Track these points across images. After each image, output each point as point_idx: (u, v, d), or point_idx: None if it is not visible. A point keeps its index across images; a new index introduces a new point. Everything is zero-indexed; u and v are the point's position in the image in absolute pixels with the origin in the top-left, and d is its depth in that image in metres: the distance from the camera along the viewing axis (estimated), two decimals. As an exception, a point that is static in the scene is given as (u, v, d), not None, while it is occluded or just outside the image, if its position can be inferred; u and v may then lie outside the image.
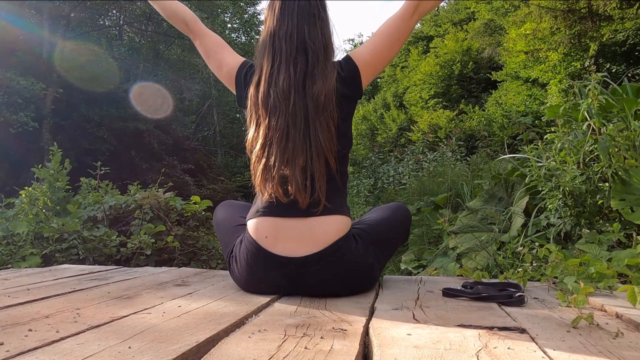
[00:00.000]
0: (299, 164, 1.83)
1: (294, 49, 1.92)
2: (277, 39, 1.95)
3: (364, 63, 2.01)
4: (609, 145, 2.96)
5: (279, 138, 1.85)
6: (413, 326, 1.40)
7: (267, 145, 1.87)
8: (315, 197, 1.84)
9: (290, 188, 1.83)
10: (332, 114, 1.89)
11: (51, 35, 17.27)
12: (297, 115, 1.86)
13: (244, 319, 1.48)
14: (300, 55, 1.92)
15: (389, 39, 2.04)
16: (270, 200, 1.88)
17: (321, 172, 1.85)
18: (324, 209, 1.86)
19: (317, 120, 1.86)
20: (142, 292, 1.96)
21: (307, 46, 1.93)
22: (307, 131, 1.85)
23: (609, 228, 2.73)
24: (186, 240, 4.36)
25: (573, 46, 13.20)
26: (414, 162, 9.84)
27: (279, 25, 1.96)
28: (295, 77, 1.90)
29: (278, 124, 1.86)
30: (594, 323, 1.42)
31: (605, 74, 3.39)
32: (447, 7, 31.28)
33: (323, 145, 1.84)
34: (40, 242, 3.94)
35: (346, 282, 1.93)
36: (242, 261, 1.96)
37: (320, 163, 1.84)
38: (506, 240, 3.36)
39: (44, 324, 1.38)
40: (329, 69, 1.95)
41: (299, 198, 1.83)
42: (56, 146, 4.80)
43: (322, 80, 1.91)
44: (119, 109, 18.43)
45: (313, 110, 1.86)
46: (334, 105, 1.89)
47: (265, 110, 1.89)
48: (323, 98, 1.88)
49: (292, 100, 1.87)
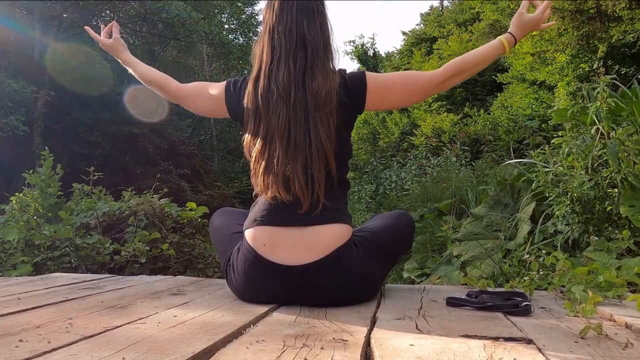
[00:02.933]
0: (301, 162, 1.84)
1: (293, 43, 1.94)
2: (277, 34, 1.97)
3: (376, 85, 2.01)
4: (618, 150, 2.96)
5: (281, 135, 1.86)
6: (416, 336, 1.40)
7: (269, 143, 1.88)
8: (314, 197, 1.85)
9: (293, 187, 1.84)
10: (332, 112, 1.90)
11: (43, 36, 17.30)
12: (297, 110, 1.87)
13: (241, 329, 1.48)
14: (299, 50, 1.94)
15: (406, 87, 2.06)
16: (269, 207, 1.89)
17: (320, 171, 1.85)
18: (324, 217, 1.87)
19: (317, 117, 1.87)
20: (136, 302, 1.97)
21: (307, 41, 1.95)
22: (307, 127, 1.87)
23: (618, 235, 2.73)
24: (182, 247, 4.36)
25: (581, 48, 13.20)
26: (417, 167, 9.86)
27: (278, 20, 1.98)
28: (295, 72, 1.91)
29: (279, 121, 1.87)
30: (602, 333, 1.42)
31: (615, 76, 3.39)
32: (451, 7, 31.35)
33: (323, 143, 1.85)
34: (31, 250, 3.93)
35: (347, 291, 1.92)
36: (240, 269, 1.96)
37: (320, 162, 1.85)
38: (512, 248, 3.36)
39: (35, 334, 1.38)
40: (330, 68, 1.97)
41: (301, 196, 1.84)
42: (48, 151, 4.80)
43: (322, 76, 1.92)
44: (113, 113, 18.45)
45: (312, 106, 1.88)
46: (335, 105, 1.90)
47: (266, 106, 1.91)
48: (323, 94, 1.89)
49: (292, 95, 1.89)
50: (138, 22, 22.74)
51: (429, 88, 2.06)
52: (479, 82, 24.83)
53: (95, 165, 5.58)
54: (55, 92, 16.48)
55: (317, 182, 1.85)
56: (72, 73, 17.03)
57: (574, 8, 11.87)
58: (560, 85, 15.21)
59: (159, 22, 21.94)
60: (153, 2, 20.43)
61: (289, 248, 1.87)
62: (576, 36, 12.53)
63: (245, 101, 1.98)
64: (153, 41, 24.19)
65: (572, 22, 12.15)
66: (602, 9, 11.56)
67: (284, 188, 1.85)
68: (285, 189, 1.85)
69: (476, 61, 2.09)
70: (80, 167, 6.81)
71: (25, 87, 15.18)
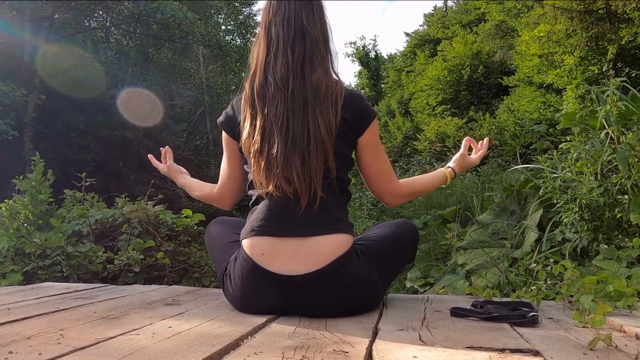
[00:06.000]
0: (299, 154, 1.84)
1: (291, 33, 1.94)
2: (274, 27, 1.96)
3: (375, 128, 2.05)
4: (628, 155, 2.96)
5: (280, 126, 1.86)
6: (419, 348, 1.40)
7: (268, 136, 1.88)
8: (312, 191, 1.85)
9: (292, 178, 1.83)
10: (333, 106, 1.90)
11: (33, 38, 17.35)
12: (295, 101, 1.87)
13: (238, 340, 1.48)
14: (298, 40, 1.93)
15: (369, 169, 2.11)
16: (266, 216, 1.89)
17: (319, 165, 1.85)
18: (324, 227, 1.87)
19: (317, 109, 1.87)
20: (130, 312, 1.96)
21: (305, 31, 1.95)
22: (306, 119, 1.86)
23: (628, 243, 2.74)
24: (177, 256, 4.36)
25: (590, 49, 13.23)
26: (421, 173, 9.85)
27: (275, 13, 1.98)
28: (293, 63, 1.90)
29: (277, 112, 1.87)
30: (612, 345, 1.42)
31: (625, 79, 3.41)
32: (456, 7, 31.43)
33: (323, 137, 1.85)
34: (21, 259, 3.93)
35: (348, 301, 1.92)
36: (237, 280, 1.95)
37: (318, 155, 1.85)
38: (519, 257, 3.36)
39: (25, 345, 1.38)
40: (330, 68, 1.98)
41: (299, 190, 1.84)
42: (38, 156, 4.80)
43: (322, 70, 1.93)
44: (106, 117, 18.49)
45: (312, 98, 1.88)
46: (336, 100, 1.91)
47: (262, 100, 1.91)
48: (324, 87, 1.89)
49: (290, 85, 1.88)
50: (132, 23, 22.84)
51: (389, 194, 2.17)
52: (484, 85, 24.87)
53: (87, 170, 5.59)
54: (46, 95, 16.51)
55: (315, 176, 1.84)
56: (64, 75, 17.06)
57: (582, 8, 11.89)
58: (568, 88, 15.21)
59: (154, 23, 22.02)
60: (147, 3, 20.50)
61: (288, 258, 1.86)
62: (585, 37, 12.54)
63: (242, 105, 1.99)
64: (147, 43, 24.25)
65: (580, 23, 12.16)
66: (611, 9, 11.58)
67: (285, 180, 1.85)
68: (285, 180, 1.85)
69: (422, 188, 2.33)
70: (72, 173, 6.83)
71: (15, 90, 15.21)
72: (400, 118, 26.53)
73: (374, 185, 2.14)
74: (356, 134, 1.99)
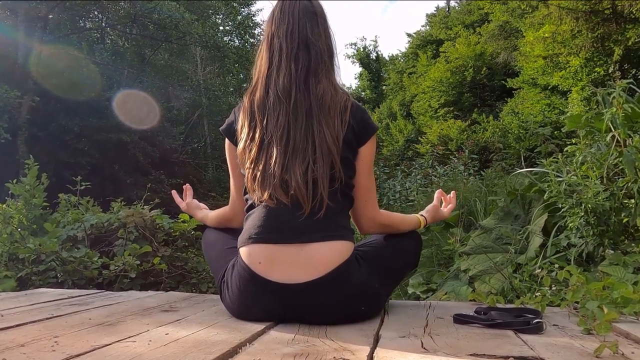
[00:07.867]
0: (300, 164, 1.83)
1: (295, 45, 1.94)
2: (277, 39, 1.96)
3: (373, 145, 2.04)
4: (635, 159, 2.96)
5: (280, 137, 1.86)
6: (421, 356, 1.40)
7: (265, 147, 1.88)
8: (318, 198, 1.83)
9: (291, 189, 1.82)
10: (341, 114, 1.90)
11: (27, 39, 17.36)
12: (297, 112, 1.87)
13: (237, 347, 1.48)
14: (302, 53, 1.93)
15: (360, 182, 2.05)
16: (263, 223, 1.88)
17: (325, 173, 1.84)
18: (323, 234, 1.85)
19: (323, 119, 1.86)
20: (126, 319, 1.97)
21: (310, 43, 1.95)
22: (310, 129, 1.86)
23: (634, 249, 2.74)
24: (174, 261, 4.35)
25: (596, 50, 13.25)
26: (423, 176, 9.85)
27: (278, 25, 1.98)
28: (296, 74, 1.91)
29: (278, 123, 1.86)
30: (618, 352, 1.42)
31: (631, 80, 3.41)
32: (459, 8, 31.47)
33: (329, 145, 1.84)
34: (15, 264, 3.93)
35: (349, 309, 1.92)
36: (234, 287, 1.94)
37: (325, 164, 1.84)
38: (523, 262, 3.36)
39: (19, 353, 1.38)
40: (336, 80, 1.99)
41: (301, 199, 1.82)
42: (32, 159, 4.79)
43: (327, 81, 1.93)
44: (101, 119, 18.48)
45: (317, 108, 1.87)
46: (344, 108, 1.91)
47: (262, 112, 1.91)
48: (329, 98, 1.89)
49: (293, 97, 1.88)
50: (128, 23, 22.85)
51: (366, 214, 2.12)
52: (487, 87, 24.91)
53: (82, 174, 5.59)
54: (40, 97, 16.51)
55: (322, 183, 1.83)
56: (58, 77, 17.06)
57: (588, 9, 11.91)
58: (574, 90, 15.24)
59: (150, 24, 22.04)
60: (144, 3, 20.50)
61: (287, 266, 1.85)
62: (591, 38, 12.56)
63: (240, 116, 1.99)
64: (144, 44, 24.25)
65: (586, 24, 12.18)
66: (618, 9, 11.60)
67: (282, 190, 1.84)
68: (282, 191, 1.84)
69: (397, 224, 2.26)
70: (67, 177, 6.83)
71: (8, 92, 15.21)
72: (402, 121, 26.57)
73: (359, 203, 2.08)
74: (358, 142, 1.99)
